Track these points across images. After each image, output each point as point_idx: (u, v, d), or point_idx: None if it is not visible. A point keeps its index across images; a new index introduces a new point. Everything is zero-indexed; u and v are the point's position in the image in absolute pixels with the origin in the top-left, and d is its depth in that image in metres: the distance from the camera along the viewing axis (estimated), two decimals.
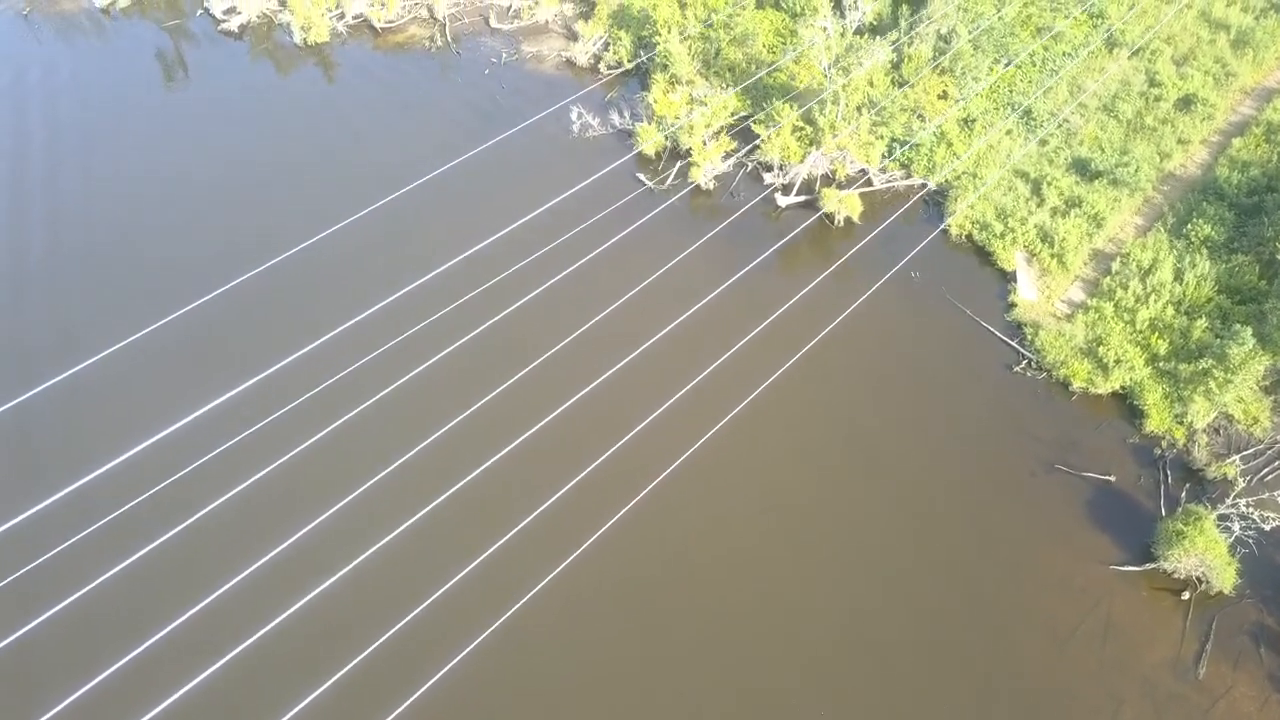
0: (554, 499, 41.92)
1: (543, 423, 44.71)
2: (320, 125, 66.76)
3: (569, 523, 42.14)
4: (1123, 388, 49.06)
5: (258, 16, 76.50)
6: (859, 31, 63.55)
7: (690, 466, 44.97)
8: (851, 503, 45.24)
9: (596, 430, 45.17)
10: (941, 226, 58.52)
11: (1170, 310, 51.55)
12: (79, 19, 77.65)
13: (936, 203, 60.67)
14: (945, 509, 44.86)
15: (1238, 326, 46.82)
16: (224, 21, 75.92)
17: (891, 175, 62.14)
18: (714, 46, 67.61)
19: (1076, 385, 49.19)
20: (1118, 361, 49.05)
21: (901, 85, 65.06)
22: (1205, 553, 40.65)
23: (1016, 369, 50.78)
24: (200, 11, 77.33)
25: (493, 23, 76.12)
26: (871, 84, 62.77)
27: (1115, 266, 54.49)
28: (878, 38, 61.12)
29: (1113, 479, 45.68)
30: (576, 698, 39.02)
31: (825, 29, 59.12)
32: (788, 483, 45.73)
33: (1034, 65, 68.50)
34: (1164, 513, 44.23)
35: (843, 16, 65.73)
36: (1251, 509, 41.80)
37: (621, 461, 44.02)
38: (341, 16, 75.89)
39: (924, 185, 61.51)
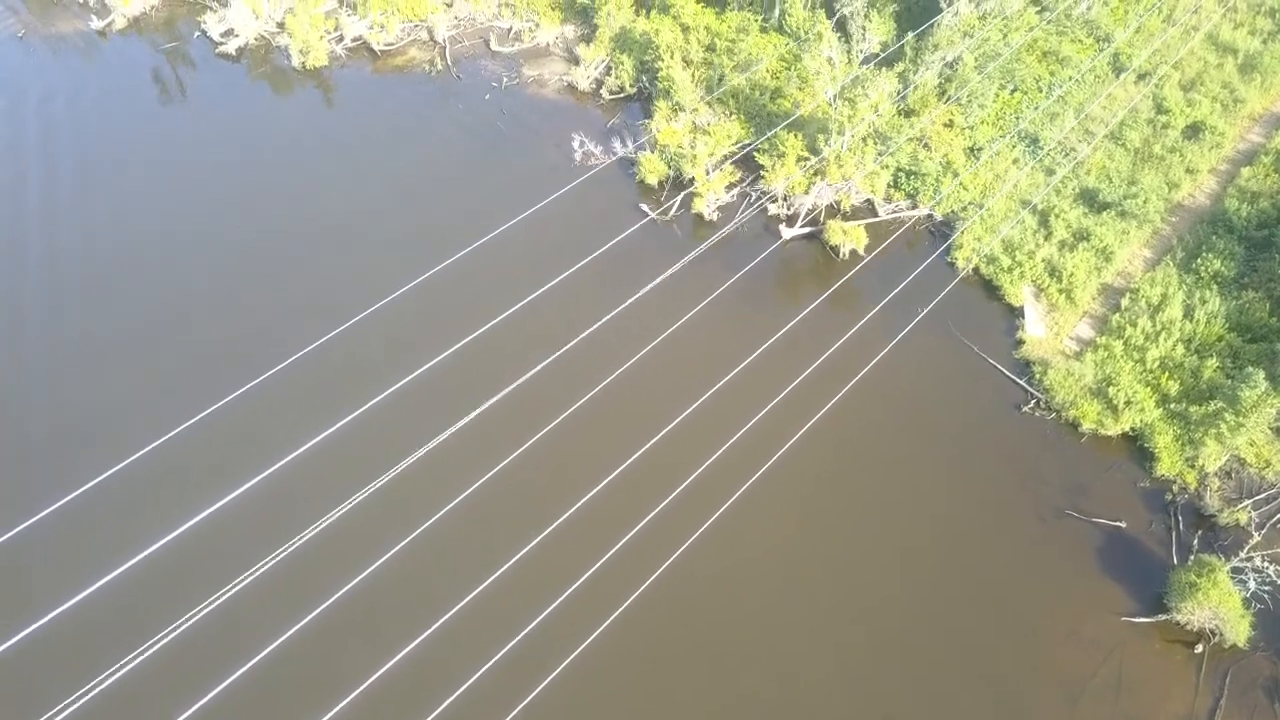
0: (563, 592, 41.45)
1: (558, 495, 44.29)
2: (319, 160, 65.52)
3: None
4: (1133, 429, 48.46)
5: (255, 39, 75.67)
6: (865, 61, 62.74)
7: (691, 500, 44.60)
8: (854, 550, 44.58)
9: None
10: (948, 260, 57.98)
11: (1180, 349, 50.94)
12: (76, 41, 76.70)
13: (943, 234, 59.98)
14: (953, 557, 44.23)
15: (1250, 369, 46.17)
16: (221, 44, 75.07)
17: (897, 205, 61.48)
18: (717, 73, 66.90)
19: (1086, 426, 48.59)
20: (1128, 403, 48.44)
21: (907, 114, 64.38)
22: (1219, 605, 40.08)
23: (1025, 409, 50.15)
24: (197, 33, 76.47)
25: (493, 45, 75.35)
26: (877, 113, 62.09)
27: (1124, 303, 53.86)
28: (884, 69, 60.37)
29: (1123, 525, 45.10)
30: None
31: (830, 59, 58.34)
32: (792, 534, 45.05)
33: (1040, 91, 67.83)
34: (1176, 561, 43.68)
35: (849, 47, 64.96)
36: (1267, 564, 41.25)
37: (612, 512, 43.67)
38: (340, 39, 75.11)
39: (930, 216, 60.90)
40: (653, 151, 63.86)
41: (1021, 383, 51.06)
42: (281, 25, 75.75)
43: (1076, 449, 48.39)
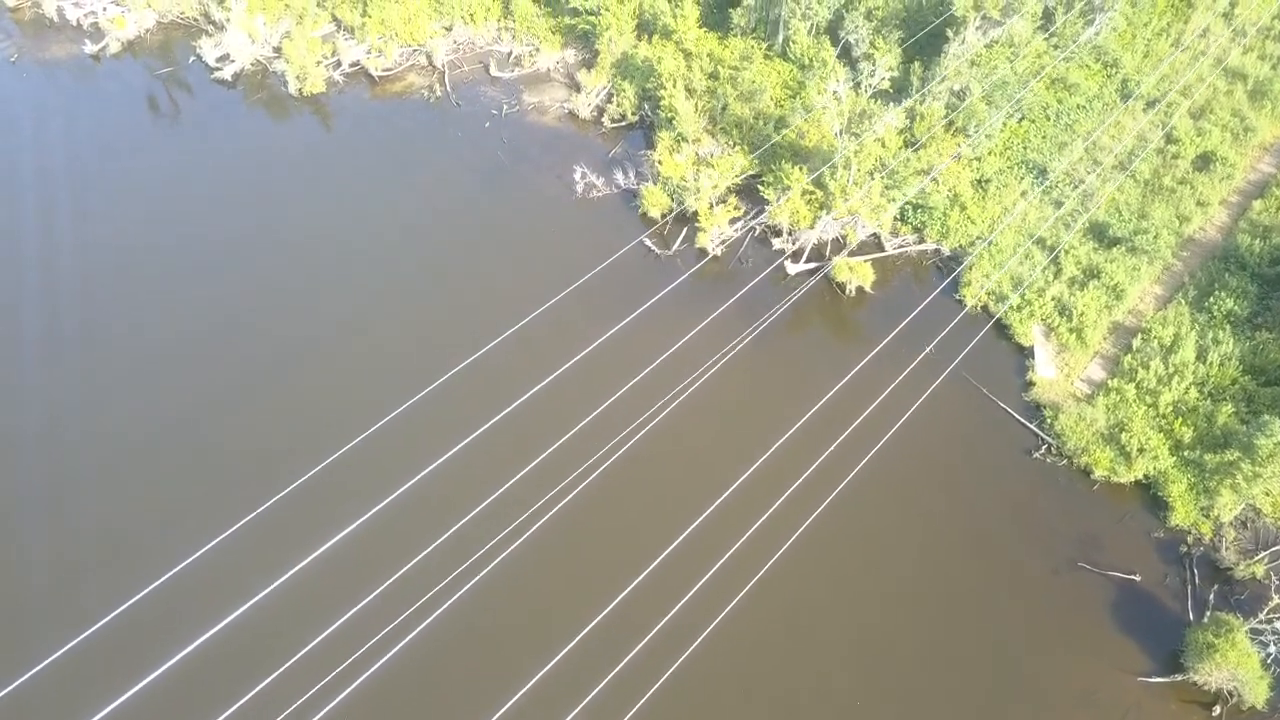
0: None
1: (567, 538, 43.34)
2: (316, 194, 64.12)
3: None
4: (1146, 477, 47.59)
5: (251, 64, 74.60)
6: (873, 95, 61.66)
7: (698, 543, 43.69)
8: (853, 603, 43.64)
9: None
10: (956, 297, 57.05)
11: (1194, 392, 50.06)
12: (69, 66, 75.51)
13: (950, 268, 59.04)
14: (961, 612, 43.32)
15: (1266, 417, 45.34)
16: (217, 70, 73.94)
17: (904, 239, 60.55)
18: (720, 102, 65.92)
19: (1098, 474, 47.73)
20: (1141, 450, 47.58)
21: (914, 145, 63.42)
22: (1237, 666, 39.24)
23: (1036, 454, 49.26)
24: (192, 58, 75.39)
25: (493, 71, 74.31)
26: (884, 145, 61.15)
27: (1136, 343, 52.99)
28: (891, 104, 59.46)
29: (1137, 578, 44.23)
30: None
31: (837, 93, 57.41)
32: (789, 583, 44.14)
33: (1048, 119, 66.89)
34: (1192, 617, 42.82)
35: (855, 75, 64.04)
36: None
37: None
38: (338, 65, 74.05)
39: (937, 250, 59.98)
40: (655, 183, 62.91)
41: (1032, 427, 50.17)
42: (278, 50, 74.72)
43: (1089, 497, 47.53)
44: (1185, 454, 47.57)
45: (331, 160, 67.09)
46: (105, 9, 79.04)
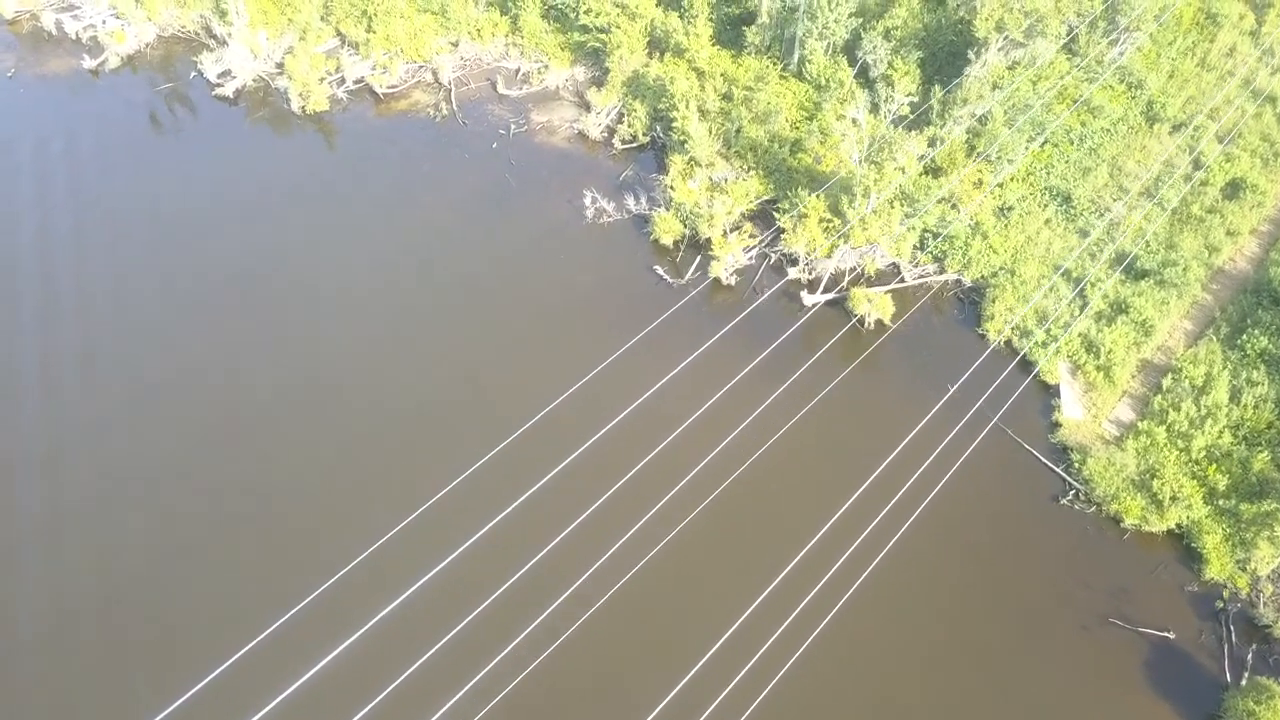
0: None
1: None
2: (318, 219, 61.96)
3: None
4: (1179, 527, 45.76)
5: (253, 80, 72.90)
6: (893, 122, 59.75)
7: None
8: (871, 658, 41.84)
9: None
10: (978, 331, 55.24)
11: (1228, 436, 48.24)
12: (68, 81, 73.79)
13: (972, 300, 57.24)
14: (984, 671, 41.43)
15: None
16: (219, 86, 72.20)
17: (924, 269, 58.72)
18: (734, 124, 64.08)
19: (1129, 522, 45.91)
20: (1173, 497, 45.75)
21: (935, 172, 61.55)
22: None
23: (1063, 500, 47.44)
24: (194, 74, 73.67)
25: (500, 88, 72.51)
26: (903, 171, 59.34)
27: (1166, 383, 51.15)
28: (911, 130, 57.63)
29: (1171, 635, 42.39)
30: None
31: (857, 121, 55.58)
32: (805, 634, 42.44)
33: (1071, 143, 65.00)
34: (1229, 677, 41.00)
35: (873, 96, 62.18)
36: None
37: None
38: (342, 81, 72.29)
39: (958, 281, 58.14)
40: (667, 209, 61.15)
41: (1059, 471, 48.39)
42: (280, 66, 73.00)
43: (1119, 547, 45.72)
44: (1220, 503, 45.75)
45: (334, 183, 65.22)
46: (104, 22, 77.40)
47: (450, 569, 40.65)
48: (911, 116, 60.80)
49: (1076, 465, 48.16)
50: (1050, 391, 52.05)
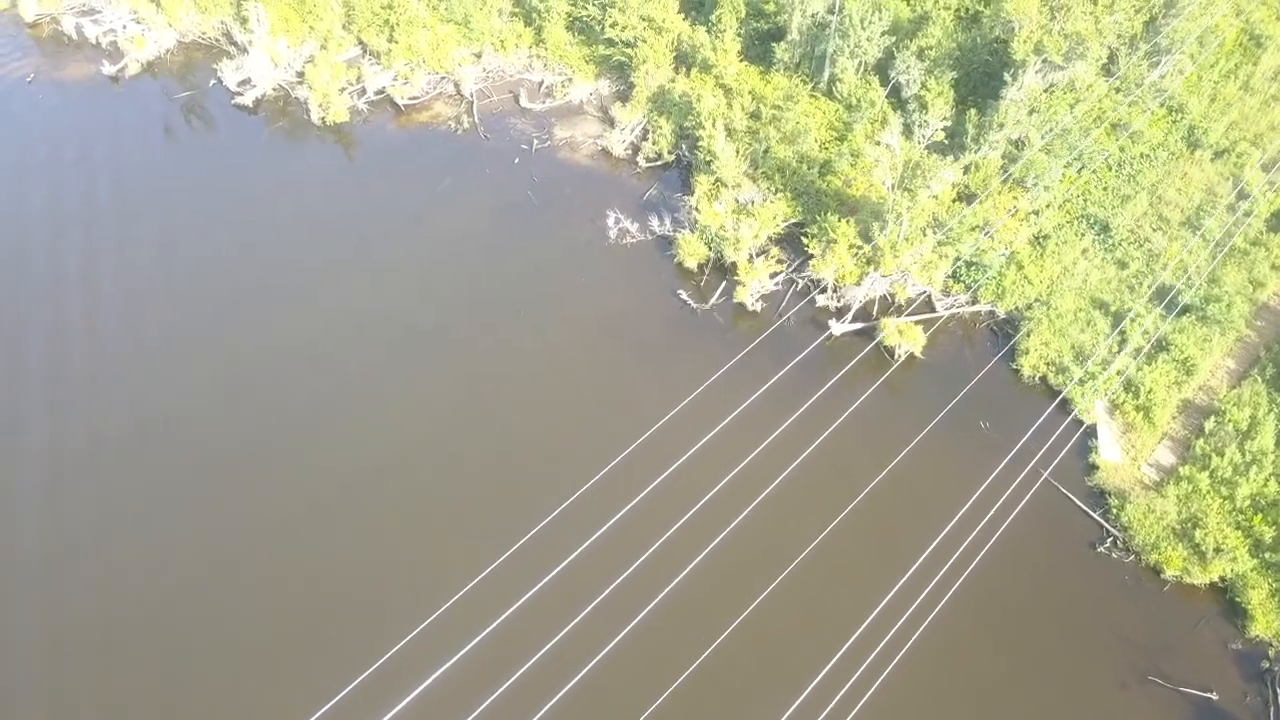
0: None
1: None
2: (336, 235, 60.95)
3: None
4: (1222, 580, 43.95)
5: (273, 89, 71.84)
6: (927, 147, 57.83)
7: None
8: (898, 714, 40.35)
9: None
10: (1013, 366, 53.46)
11: (1274, 485, 46.24)
12: (87, 87, 72.95)
13: (1006, 333, 55.43)
14: None
15: None
16: (238, 95, 71.15)
17: (956, 299, 56.97)
18: (762, 144, 62.47)
19: (1169, 573, 44.13)
20: (1217, 549, 43.94)
21: (968, 198, 59.75)
22: None
23: (1101, 548, 45.70)
24: (213, 81, 72.71)
25: (523, 101, 71.17)
26: (936, 198, 57.61)
27: (1209, 426, 49.26)
28: (947, 156, 55.91)
29: (1214, 697, 40.63)
30: None
31: (891, 146, 53.91)
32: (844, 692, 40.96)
33: (1109, 169, 63.07)
34: None
35: (905, 116, 60.41)
36: None
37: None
38: (362, 92, 71.10)
39: (991, 312, 56.39)
40: (692, 231, 59.65)
41: (1097, 517, 46.65)
42: (301, 75, 71.91)
43: (1159, 599, 43.96)
44: (1266, 555, 43.92)
45: (352, 198, 64.01)
46: (125, 27, 76.55)
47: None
48: (945, 139, 58.96)
49: (1115, 511, 46.41)
50: (1087, 431, 50.25)
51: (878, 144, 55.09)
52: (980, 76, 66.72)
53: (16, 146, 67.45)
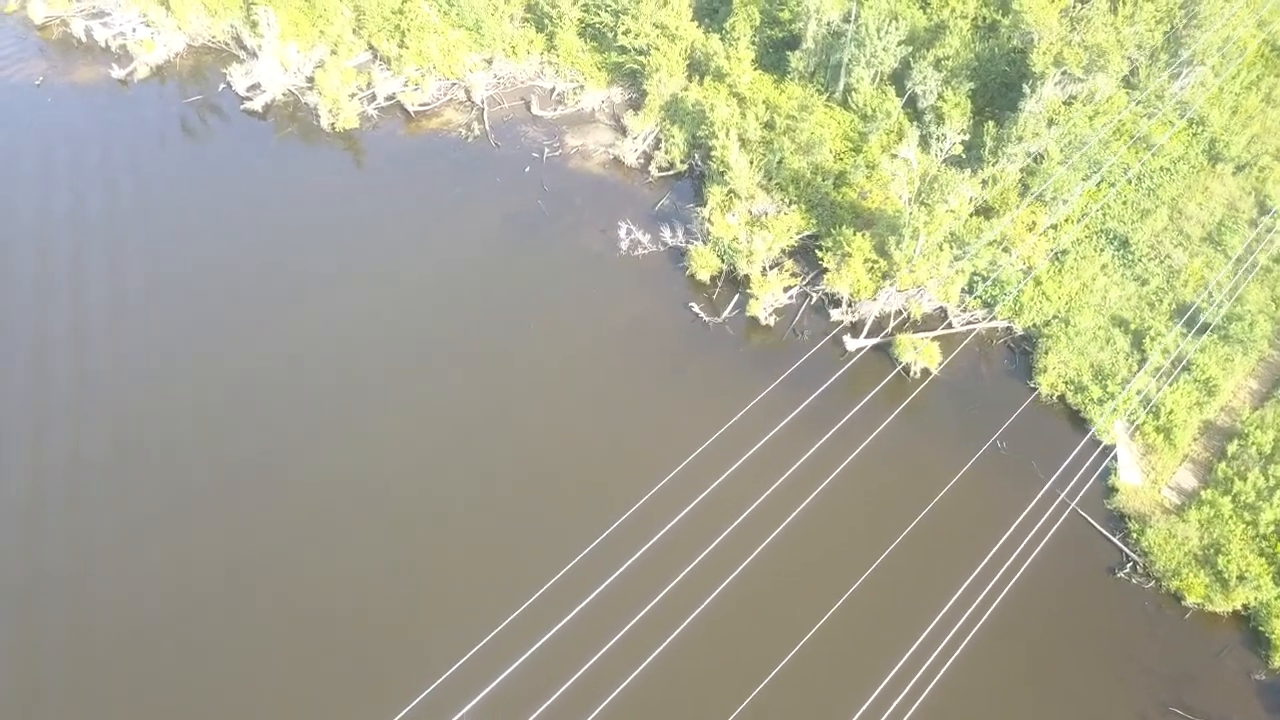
0: None
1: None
2: (346, 244, 60.44)
3: None
4: (1245, 608, 43.00)
5: (283, 95, 71.30)
6: (945, 160, 56.89)
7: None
8: None
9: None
10: (1030, 384, 52.57)
11: None
12: (96, 90, 72.48)
13: (1023, 350, 54.52)
14: None
15: None
16: (247, 100, 70.60)
17: (972, 315, 56.09)
18: (776, 155, 61.65)
19: (1191, 601, 43.23)
20: (1240, 577, 43.00)
21: (985, 212, 58.84)
22: None
23: (1120, 573, 44.79)
24: (222, 86, 72.16)
25: (534, 109, 70.47)
26: (953, 212, 56.74)
27: (1231, 449, 48.31)
28: (965, 170, 55.05)
29: None
30: None
31: (909, 160, 53.07)
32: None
33: (1129, 183, 62.10)
34: None
35: (923, 135, 59.48)
36: None
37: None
38: (372, 98, 70.51)
39: (1009, 329, 55.50)
40: (705, 243, 58.89)
41: (1116, 541, 45.77)
42: (311, 81, 71.35)
43: (1180, 627, 43.05)
44: None
45: (362, 206, 63.42)
46: (134, 30, 76.17)
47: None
48: (963, 153, 58.04)
49: (1135, 535, 45.53)
50: (1106, 453, 49.36)
51: (894, 157, 54.14)
52: (998, 87, 65.81)
53: (24, 151, 66.99)
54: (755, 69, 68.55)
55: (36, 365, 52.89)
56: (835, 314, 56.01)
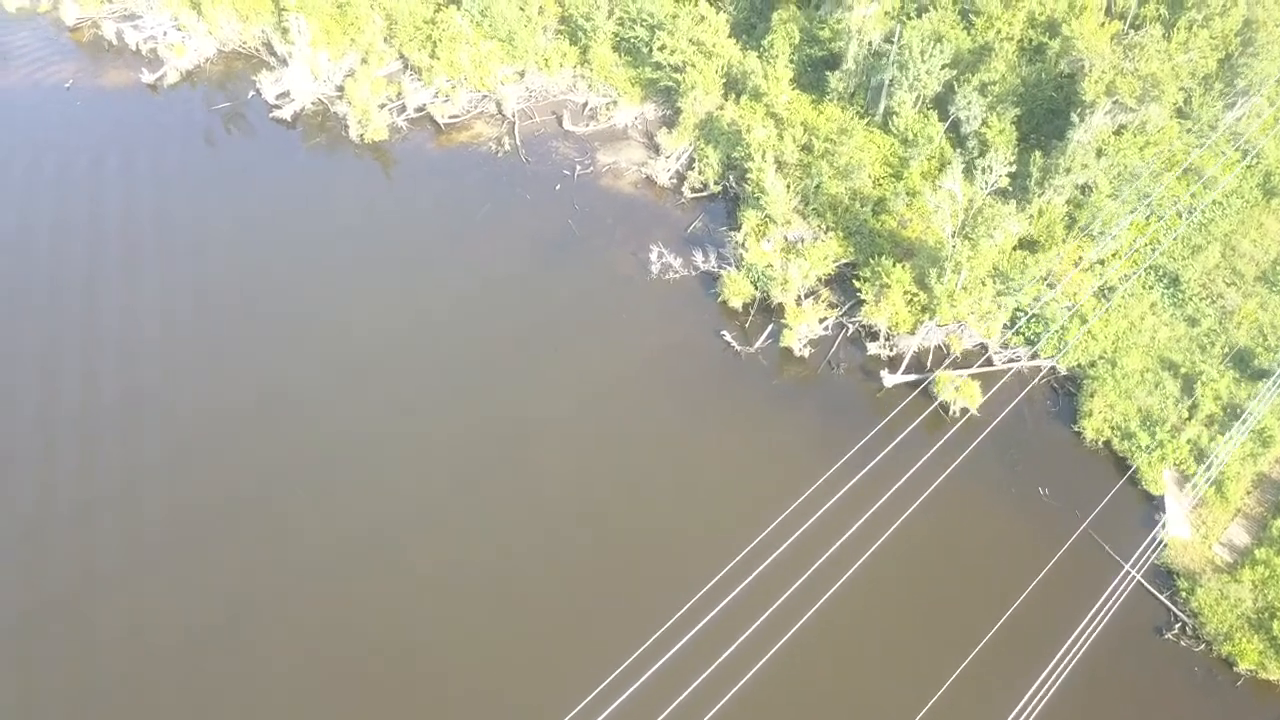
0: None
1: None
2: (371, 261, 59.27)
3: None
4: None
5: (312, 103, 70.38)
6: (992, 192, 54.81)
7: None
8: None
9: None
10: (1074, 427, 50.60)
11: None
12: (125, 94, 71.87)
13: (1067, 391, 52.56)
14: None
15: None
16: (276, 108, 69.77)
17: (1015, 352, 54.22)
18: (814, 180, 59.94)
19: (1243, 667, 41.22)
20: None
21: (1029, 245, 56.80)
22: None
23: (1168, 634, 42.83)
24: (252, 93, 71.36)
25: (566, 124, 69.12)
26: (1000, 250, 54.74)
27: None
28: (1009, 201, 53.14)
29: None
30: None
31: (954, 193, 51.20)
32: None
33: (1179, 216, 59.90)
34: None
35: (966, 162, 57.53)
36: None
37: None
38: (402, 109, 69.45)
39: (1052, 369, 53.51)
40: (738, 269, 57.33)
41: (1164, 599, 43.83)
42: (340, 90, 70.35)
43: (1232, 694, 41.05)
44: None
45: (388, 222, 62.29)
46: (165, 34, 75.54)
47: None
48: (1009, 185, 55.93)
49: (1184, 594, 43.59)
50: (1154, 504, 47.36)
51: (938, 189, 52.30)
52: (1044, 114, 63.73)
53: (51, 157, 66.20)
54: (793, 88, 66.85)
55: (46, 387, 52.13)
56: (872, 348, 54.25)
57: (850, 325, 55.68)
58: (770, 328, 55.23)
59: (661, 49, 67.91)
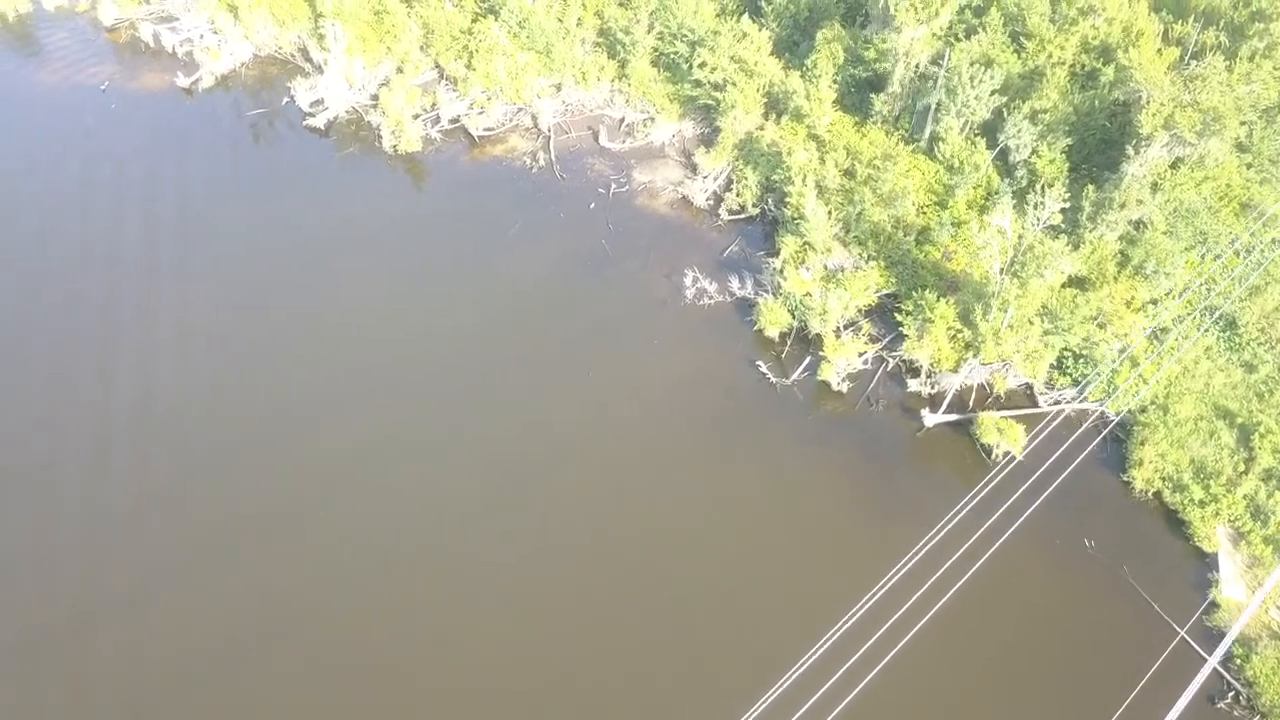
0: None
1: None
2: (402, 274, 58.19)
3: None
4: None
5: (346, 112, 69.64)
6: (1044, 229, 52.85)
7: None
8: None
9: None
10: (1123, 477, 48.65)
11: None
12: (160, 98, 71.44)
13: (1116, 438, 50.57)
14: None
15: None
16: (310, 116, 69.04)
17: (1061, 394, 52.26)
18: (856, 207, 58.25)
19: None
20: None
21: (1079, 282, 54.71)
22: None
23: (1221, 704, 40.88)
24: (286, 100, 70.72)
25: (602, 140, 67.86)
26: (1050, 289, 52.75)
27: None
28: (1060, 236, 51.23)
29: None
30: None
31: (1004, 229, 49.38)
32: None
33: (1236, 255, 57.66)
34: None
35: (1014, 191, 55.75)
36: None
37: None
38: (436, 120, 68.50)
39: (1100, 413, 51.54)
40: (775, 297, 55.81)
41: (1217, 666, 41.88)
42: (375, 99, 69.55)
43: None
44: None
45: (419, 234, 61.30)
46: (202, 37, 75.11)
47: None
48: (1064, 223, 53.78)
49: (1238, 661, 41.60)
50: (1207, 562, 45.37)
51: (986, 225, 50.49)
52: (1096, 143, 61.65)
53: (84, 161, 65.80)
54: (836, 109, 65.11)
55: (52, 398, 51.56)
56: (913, 384, 52.57)
57: (890, 359, 54.04)
58: (808, 360, 53.66)
59: (701, 66, 66.38)
